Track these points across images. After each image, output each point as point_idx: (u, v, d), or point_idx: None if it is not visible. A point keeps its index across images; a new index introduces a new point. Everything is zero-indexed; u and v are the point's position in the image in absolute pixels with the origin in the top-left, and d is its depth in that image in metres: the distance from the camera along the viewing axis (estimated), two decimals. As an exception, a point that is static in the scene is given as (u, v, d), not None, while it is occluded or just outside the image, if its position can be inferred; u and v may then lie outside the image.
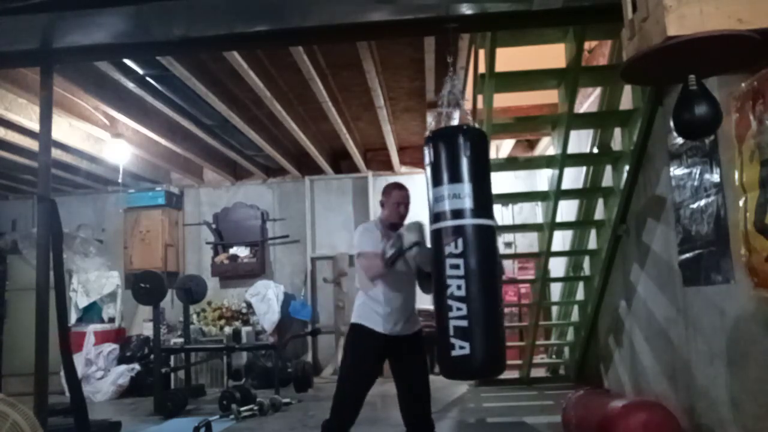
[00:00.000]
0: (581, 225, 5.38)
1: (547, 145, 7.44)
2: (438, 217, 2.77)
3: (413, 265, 3.09)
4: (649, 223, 4.31)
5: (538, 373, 6.46)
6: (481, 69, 4.47)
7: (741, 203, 2.88)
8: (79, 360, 6.71)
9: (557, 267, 6.07)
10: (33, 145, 5.94)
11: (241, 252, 8.44)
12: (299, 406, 5.96)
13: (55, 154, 6.12)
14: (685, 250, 3.63)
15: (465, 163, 2.74)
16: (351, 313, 3.22)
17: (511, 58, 4.25)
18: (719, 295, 3.27)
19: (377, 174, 8.53)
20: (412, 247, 3.01)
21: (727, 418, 3.24)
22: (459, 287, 2.65)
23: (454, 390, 6.18)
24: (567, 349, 6.24)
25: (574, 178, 5.33)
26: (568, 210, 5.72)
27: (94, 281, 8.03)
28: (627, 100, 4.50)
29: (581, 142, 5.31)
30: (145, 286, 5.97)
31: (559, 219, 5.06)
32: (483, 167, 2.83)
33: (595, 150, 5.03)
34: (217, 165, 8.20)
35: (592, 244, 5.37)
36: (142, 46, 3.65)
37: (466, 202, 2.71)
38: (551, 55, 4.43)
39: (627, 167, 4.43)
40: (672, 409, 3.74)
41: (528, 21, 3.46)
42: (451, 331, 2.65)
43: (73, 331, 6.79)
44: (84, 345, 7.33)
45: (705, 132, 2.42)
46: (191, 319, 7.38)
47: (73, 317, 7.75)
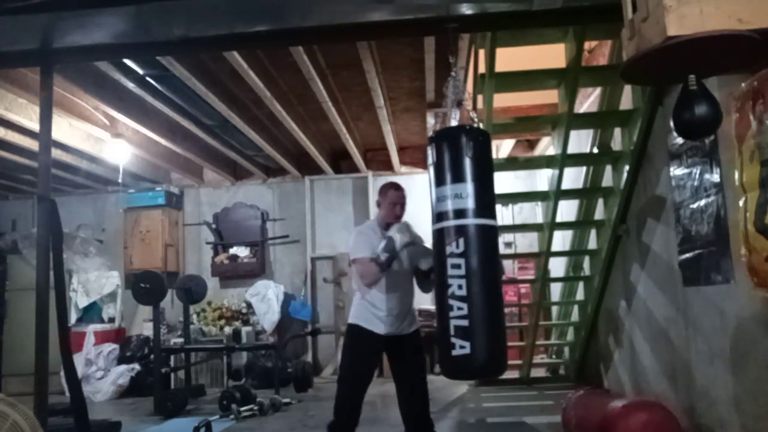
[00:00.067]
0: (581, 225, 5.38)
1: (547, 145, 7.44)
2: (440, 216, 2.78)
3: (406, 263, 3.11)
4: (649, 223, 4.31)
5: (538, 373, 6.46)
6: (481, 69, 4.47)
7: (741, 203, 2.88)
8: (79, 360, 6.71)
9: (557, 267, 6.07)
10: (33, 145, 5.94)
11: (241, 252, 8.44)
12: (299, 406, 5.96)
13: (55, 154, 6.12)
14: (685, 250, 3.63)
15: (468, 163, 2.74)
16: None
17: (511, 58, 4.25)
18: (719, 295, 3.27)
19: (377, 174, 8.52)
20: (404, 248, 3.03)
21: (727, 418, 3.24)
22: (460, 287, 2.66)
23: (454, 390, 6.18)
24: (567, 349, 6.24)
25: (574, 178, 5.33)
26: (568, 210, 5.72)
27: (94, 281, 8.03)
28: (627, 100, 4.50)
29: (581, 142, 5.31)
30: (145, 286, 5.97)
31: (559, 219, 5.06)
32: (486, 167, 2.84)
33: (595, 150, 5.03)
34: (217, 165, 8.20)
35: (592, 244, 5.37)
36: (142, 46, 3.65)
37: (469, 202, 2.71)
38: (551, 55, 4.43)
39: (627, 167, 4.43)
40: (672, 409, 3.74)
41: (528, 21, 3.46)
42: (451, 331, 2.66)
43: (73, 331, 6.80)
44: (84, 345, 7.33)
45: (705, 132, 2.42)
46: (191, 319, 7.38)
47: (73, 317, 7.75)
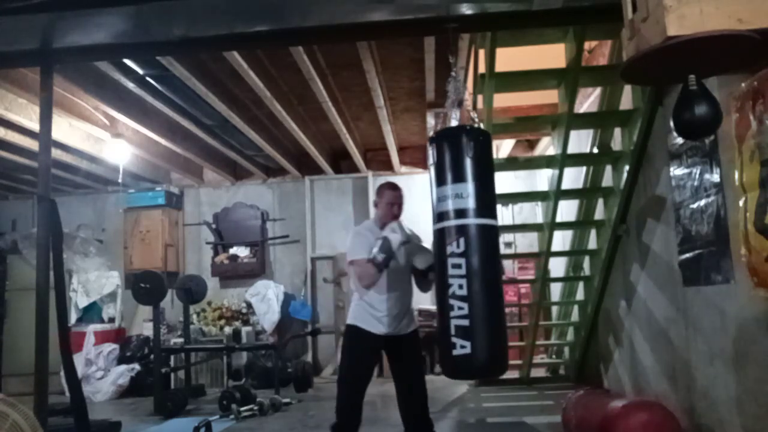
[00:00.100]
0: (581, 225, 5.38)
1: (547, 145, 7.44)
2: (441, 216, 2.78)
3: (403, 261, 3.11)
4: (649, 223, 4.31)
5: (538, 373, 6.46)
6: (481, 69, 4.47)
7: (741, 203, 2.88)
8: (79, 360, 6.71)
9: (557, 267, 6.07)
10: (33, 145, 5.94)
11: (241, 252, 8.44)
12: (299, 406, 5.96)
13: (55, 154, 6.12)
14: (685, 250, 3.63)
15: (468, 163, 2.74)
16: (349, 313, 3.23)
17: (511, 58, 4.25)
18: (719, 295, 3.27)
19: (377, 174, 8.51)
20: (401, 246, 3.04)
21: (727, 418, 3.24)
22: (461, 286, 2.66)
23: (454, 390, 6.18)
24: (567, 349, 6.24)
25: (574, 178, 5.33)
26: (568, 210, 5.72)
27: (94, 281, 8.03)
28: (627, 100, 4.50)
29: (581, 142, 5.31)
30: (145, 286, 5.97)
31: (559, 219, 5.06)
32: (486, 167, 2.84)
33: (595, 150, 5.03)
34: (217, 165, 8.20)
35: (592, 244, 5.37)
36: (142, 46, 3.65)
37: (470, 202, 2.72)
38: (551, 55, 4.43)
39: (627, 167, 4.43)
40: (672, 409, 3.74)
41: (528, 21, 3.46)
42: (452, 331, 2.66)
43: (73, 331, 6.79)
44: (84, 345, 7.33)
45: (705, 132, 2.42)
46: (191, 319, 7.38)
47: (73, 317, 7.75)
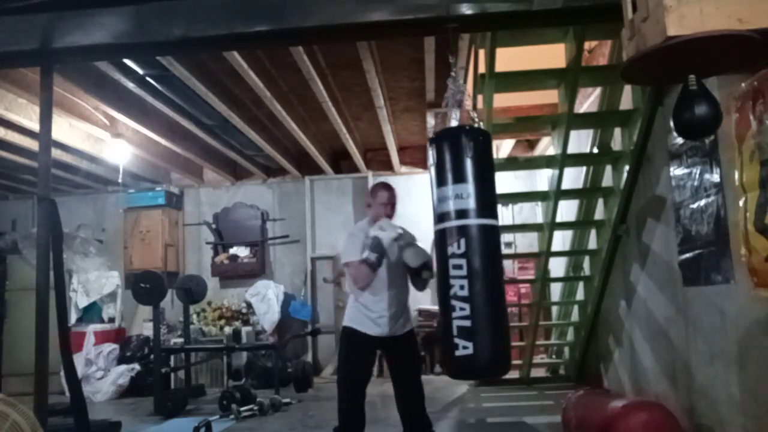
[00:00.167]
0: (581, 225, 5.38)
1: (547, 145, 7.44)
2: (442, 217, 2.77)
3: (395, 259, 3.11)
4: (649, 223, 4.31)
5: (538, 373, 6.45)
6: (481, 69, 4.47)
7: (741, 203, 2.88)
8: (79, 360, 6.71)
9: (557, 267, 6.06)
10: (33, 145, 5.94)
11: (241, 252, 8.44)
12: (299, 406, 5.96)
13: (55, 154, 6.12)
14: (685, 250, 3.63)
15: (469, 163, 2.74)
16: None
17: (511, 58, 4.25)
18: (719, 295, 3.27)
19: (377, 174, 8.50)
20: (393, 243, 3.04)
21: (727, 418, 3.24)
22: (462, 287, 2.66)
23: (454, 390, 6.18)
24: (567, 349, 6.24)
25: (574, 178, 5.33)
26: (568, 210, 5.71)
27: (94, 281, 8.03)
28: (627, 100, 4.50)
29: (581, 142, 5.31)
30: (145, 286, 5.97)
31: (559, 219, 5.06)
32: (487, 167, 2.84)
33: (595, 150, 5.02)
34: (217, 165, 8.20)
35: (592, 244, 5.36)
36: (142, 46, 3.65)
37: (470, 202, 2.71)
38: (551, 55, 4.43)
39: (627, 167, 4.43)
40: (672, 409, 3.74)
41: (528, 21, 3.46)
42: (454, 331, 2.66)
43: (73, 331, 6.79)
44: (84, 345, 7.33)
45: (705, 132, 2.42)
46: (191, 319, 7.38)
47: (73, 317, 7.75)
